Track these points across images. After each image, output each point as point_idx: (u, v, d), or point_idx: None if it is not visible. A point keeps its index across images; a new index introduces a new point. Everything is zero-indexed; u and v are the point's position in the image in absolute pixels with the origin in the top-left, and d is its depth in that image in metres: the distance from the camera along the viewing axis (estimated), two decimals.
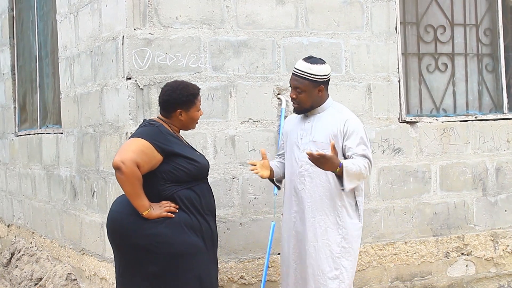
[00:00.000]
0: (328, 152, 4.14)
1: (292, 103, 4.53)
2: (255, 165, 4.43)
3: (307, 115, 4.52)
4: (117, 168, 3.99)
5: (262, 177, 4.47)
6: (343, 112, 4.46)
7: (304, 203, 4.42)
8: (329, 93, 4.54)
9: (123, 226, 4.12)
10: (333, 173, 4.24)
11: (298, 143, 4.49)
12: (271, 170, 4.55)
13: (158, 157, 4.10)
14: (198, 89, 4.35)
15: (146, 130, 4.17)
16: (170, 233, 4.09)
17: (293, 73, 4.45)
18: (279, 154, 4.79)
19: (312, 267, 4.40)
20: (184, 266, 4.11)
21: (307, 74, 4.37)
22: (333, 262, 4.35)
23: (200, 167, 4.25)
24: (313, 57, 4.53)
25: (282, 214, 4.73)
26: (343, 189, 4.25)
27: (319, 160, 4.09)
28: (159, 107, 4.36)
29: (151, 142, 4.09)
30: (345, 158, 4.35)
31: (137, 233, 4.08)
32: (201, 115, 4.39)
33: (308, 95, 4.39)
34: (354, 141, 4.33)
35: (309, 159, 4.11)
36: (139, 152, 4.03)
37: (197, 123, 4.42)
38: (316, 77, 4.37)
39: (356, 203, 4.42)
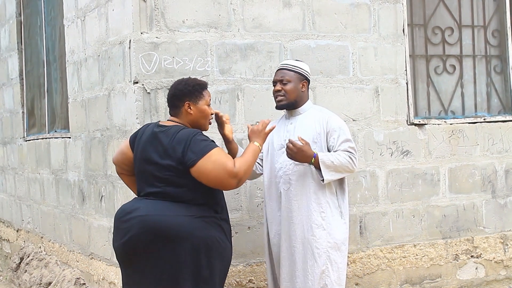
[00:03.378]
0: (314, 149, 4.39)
1: (275, 98, 4.57)
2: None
3: (288, 117, 4.63)
4: (237, 184, 3.93)
5: (225, 132, 4.42)
6: (324, 111, 4.60)
7: (291, 202, 4.49)
8: (309, 94, 4.71)
9: (180, 228, 3.90)
10: (312, 166, 4.38)
11: (283, 146, 4.54)
12: (235, 144, 4.58)
13: None
14: (206, 82, 4.25)
15: (205, 137, 4.03)
16: (221, 237, 4.03)
17: (278, 69, 4.62)
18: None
19: (300, 264, 4.46)
20: (225, 272, 4.10)
21: (293, 67, 4.57)
22: (319, 257, 4.41)
23: None
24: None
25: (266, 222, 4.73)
26: (322, 180, 4.36)
27: (293, 151, 4.28)
28: (169, 109, 4.25)
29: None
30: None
31: (194, 233, 3.91)
32: (212, 114, 4.26)
33: (294, 86, 4.53)
34: (337, 139, 4.45)
35: (287, 150, 4.31)
36: (225, 153, 3.98)
37: (210, 123, 4.28)
38: (302, 70, 4.57)
39: (338, 202, 4.50)
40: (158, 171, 4.02)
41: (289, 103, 4.53)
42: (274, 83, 4.57)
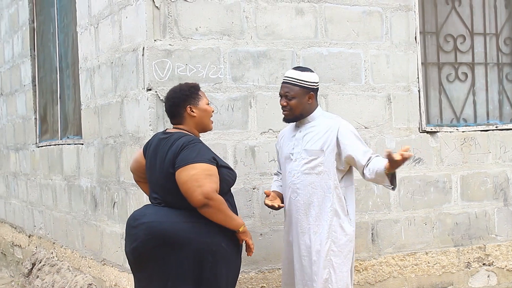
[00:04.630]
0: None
1: (282, 111, 4.55)
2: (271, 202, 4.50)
3: (298, 125, 4.59)
4: (204, 205, 3.89)
5: (278, 207, 4.48)
6: (334, 118, 4.54)
7: (299, 211, 4.49)
8: (318, 102, 4.62)
9: (184, 234, 3.94)
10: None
11: (291, 154, 4.54)
12: (281, 196, 4.66)
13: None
14: (197, 84, 4.32)
15: (203, 149, 4.05)
16: (227, 243, 4.05)
17: (283, 81, 4.54)
18: (278, 172, 4.87)
19: (305, 271, 4.47)
20: (233, 278, 4.12)
21: (297, 81, 4.46)
22: (323, 266, 4.40)
23: (235, 176, 4.24)
24: (302, 66, 4.72)
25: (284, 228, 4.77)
26: (393, 188, 4.28)
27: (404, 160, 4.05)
28: (170, 119, 4.30)
29: (215, 164, 4.01)
30: (339, 159, 4.41)
31: (198, 239, 3.94)
32: (212, 111, 4.31)
33: (298, 101, 4.46)
34: (356, 144, 4.38)
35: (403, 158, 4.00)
36: (214, 177, 3.95)
37: (212, 122, 4.33)
38: (306, 83, 4.47)
39: (347, 208, 4.47)
40: (160, 179, 4.10)
41: (295, 117, 4.51)
42: (280, 96, 4.55)
